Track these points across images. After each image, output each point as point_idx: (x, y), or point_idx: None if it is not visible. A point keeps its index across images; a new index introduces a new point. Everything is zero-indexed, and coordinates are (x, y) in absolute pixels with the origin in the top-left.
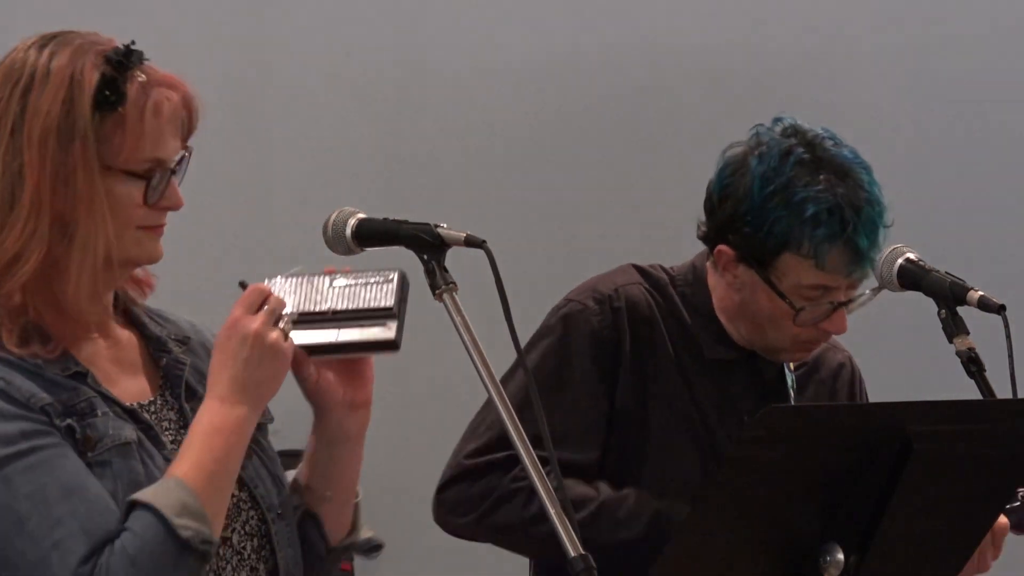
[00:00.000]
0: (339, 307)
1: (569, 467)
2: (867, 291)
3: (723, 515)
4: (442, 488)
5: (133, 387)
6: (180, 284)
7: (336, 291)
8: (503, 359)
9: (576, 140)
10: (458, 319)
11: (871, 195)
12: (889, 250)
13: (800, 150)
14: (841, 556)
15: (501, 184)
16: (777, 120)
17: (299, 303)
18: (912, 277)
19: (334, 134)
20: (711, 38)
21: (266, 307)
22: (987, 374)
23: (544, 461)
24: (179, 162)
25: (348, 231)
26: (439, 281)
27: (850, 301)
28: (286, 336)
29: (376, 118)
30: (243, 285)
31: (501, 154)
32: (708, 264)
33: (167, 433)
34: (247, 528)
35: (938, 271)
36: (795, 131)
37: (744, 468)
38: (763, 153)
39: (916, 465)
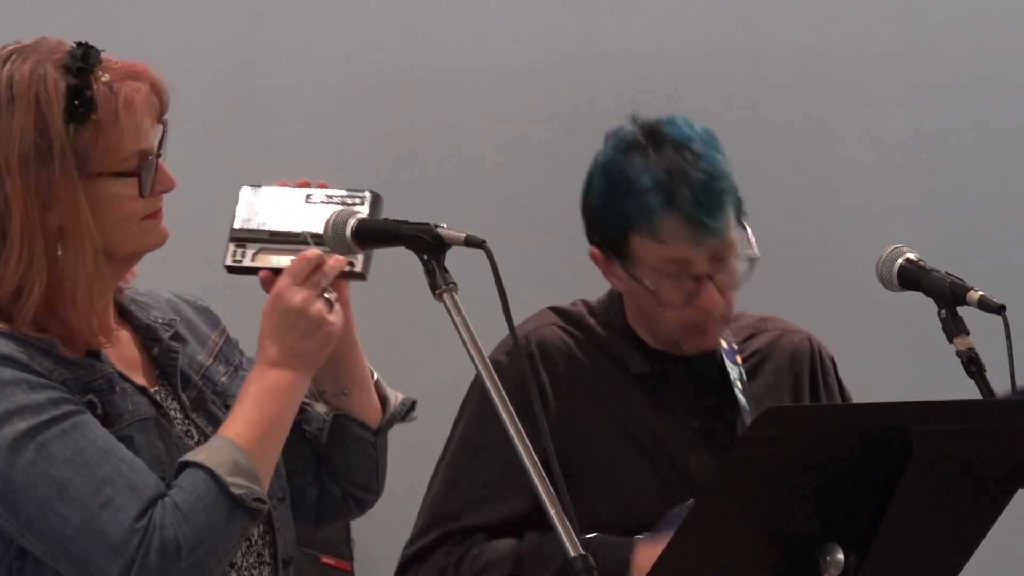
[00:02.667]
0: (312, 230)
1: (508, 522)
2: (740, 263)
3: (723, 515)
4: None
5: (137, 380)
6: (181, 285)
7: (309, 211)
8: None
9: (576, 140)
10: (458, 319)
11: (707, 164)
12: (889, 250)
13: (637, 138)
14: (841, 556)
15: (501, 184)
16: (634, 118)
17: (271, 221)
18: (912, 277)
19: (334, 135)
20: (713, 42)
21: (313, 278)
22: (987, 374)
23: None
24: (160, 143)
25: (348, 231)
26: (439, 281)
27: (716, 274)
28: (332, 307)
29: (376, 119)
30: (309, 240)
31: (501, 154)
32: None
33: (175, 422)
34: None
35: (938, 271)
36: (641, 122)
37: (744, 468)
38: (605, 148)
39: (916, 465)
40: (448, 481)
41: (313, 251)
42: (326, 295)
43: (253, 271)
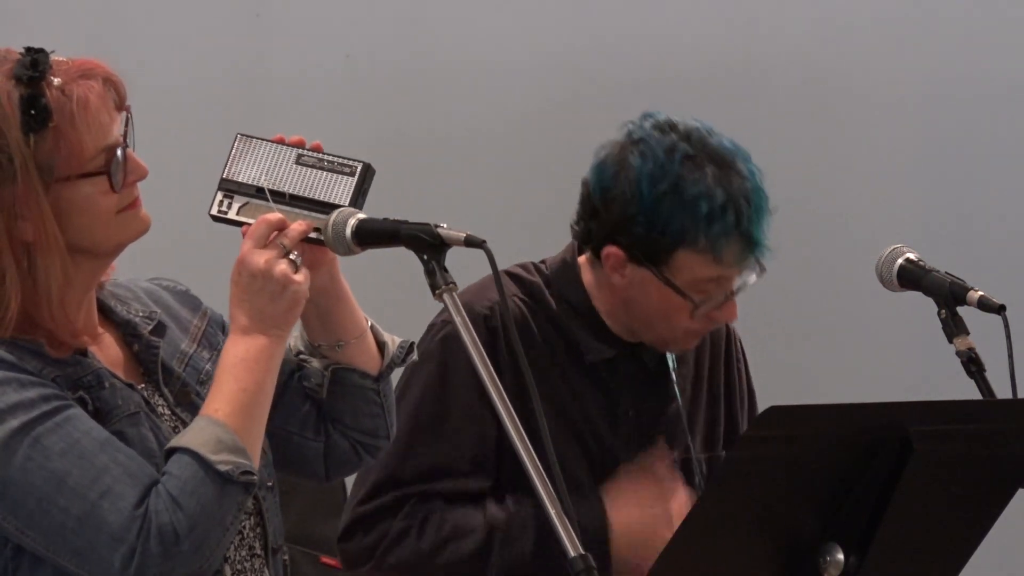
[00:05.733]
0: (297, 192)
1: (463, 495)
2: (752, 276)
3: (723, 515)
4: (341, 538)
5: (122, 378)
6: (185, 282)
7: (298, 173)
8: None
9: (577, 139)
10: (458, 319)
11: (755, 183)
12: (889, 250)
13: (683, 145)
14: (841, 556)
15: (501, 184)
16: (647, 116)
17: (260, 176)
18: (912, 277)
19: (333, 134)
20: (715, 36)
21: (277, 239)
22: (987, 374)
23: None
24: (125, 132)
25: (348, 231)
26: (439, 281)
27: (740, 288)
28: (297, 267)
29: (375, 118)
30: (269, 199)
31: (501, 154)
32: (583, 260)
33: (164, 417)
34: (246, 508)
35: (938, 271)
36: (671, 126)
37: (744, 468)
38: (644, 152)
39: (916, 465)
40: (404, 444)
41: (274, 214)
42: (291, 257)
43: (236, 224)
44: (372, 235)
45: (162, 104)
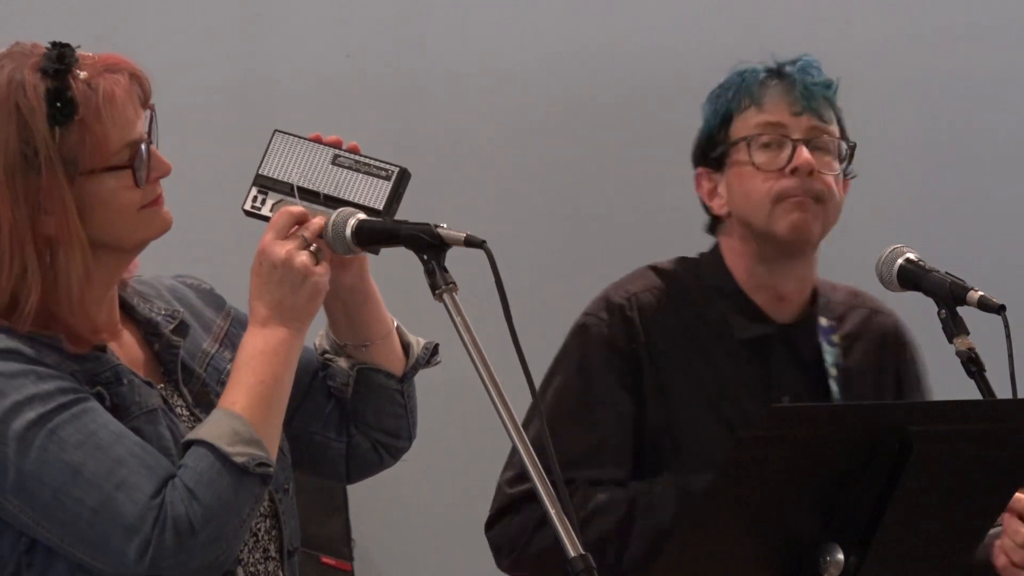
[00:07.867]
0: (332, 193)
1: (603, 483)
2: (836, 144)
3: (723, 515)
4: (489, 524)
5: (142, 376)
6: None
7: (333, 174)
8: (503, 359)
9: (577, 140)
10: (458, 319)
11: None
12: (889, 250)
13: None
14: (841, 556)
15: (501, 184)
16: None
17: (297, 175)
18: (912, 277)
19: (334, 135)
20: (715, 39)
21: (298, 231)
22: (987, 374)
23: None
24: (149, 129)
25: (348, 231)
26: (439, 281)
27: (813, 140)
28: (317, 260)
29: (376, 119)
30: (295, 194)
31: (502, 154)
32: (720, 239)
33: (182, 417)
34: (261, 509)
35: (938, 271)
36: None
37: (744, 468)
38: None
39: (916, 465)
40: (552, 432)
41: (296, 207)
42: (311, 248)
43: (267, 220)
44: (372, 235)
45: (161, 104)
